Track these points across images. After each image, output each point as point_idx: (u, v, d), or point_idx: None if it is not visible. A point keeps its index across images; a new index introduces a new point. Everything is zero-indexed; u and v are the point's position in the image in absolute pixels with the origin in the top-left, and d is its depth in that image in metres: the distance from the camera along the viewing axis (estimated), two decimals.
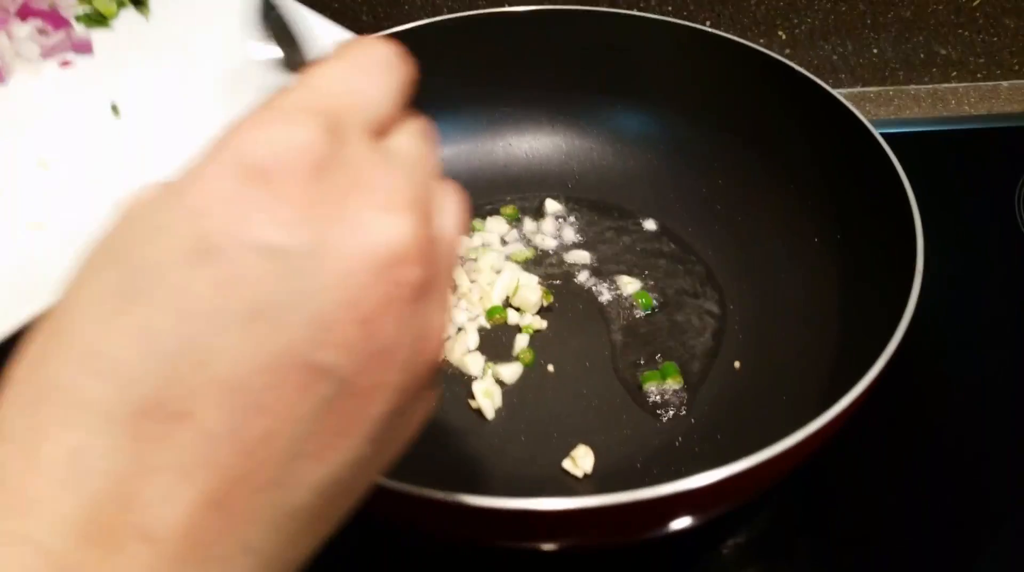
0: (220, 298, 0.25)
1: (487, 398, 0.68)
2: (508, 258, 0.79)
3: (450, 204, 0.31)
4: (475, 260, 0.78)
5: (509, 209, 0.83)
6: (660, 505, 0.45)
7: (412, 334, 0.28)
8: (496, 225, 0.82)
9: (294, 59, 0.43)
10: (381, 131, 0.31)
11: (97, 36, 0.64)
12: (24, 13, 0.62)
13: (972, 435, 0.69)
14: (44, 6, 0.63)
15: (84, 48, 0.63)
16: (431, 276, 0.28)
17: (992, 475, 0.67)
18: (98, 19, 0.65)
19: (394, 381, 0.28)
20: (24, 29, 0.61)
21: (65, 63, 0.62)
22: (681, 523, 0.51)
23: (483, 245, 0.80)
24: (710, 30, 0.79)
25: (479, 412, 0.68)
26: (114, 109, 0.59)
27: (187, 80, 0.61)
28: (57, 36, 0.62)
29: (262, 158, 0.26)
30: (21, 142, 0.56)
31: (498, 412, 0.68)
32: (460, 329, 0.73)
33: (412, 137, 0.31)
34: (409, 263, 0.27)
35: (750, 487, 0.50)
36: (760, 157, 0.78)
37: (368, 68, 0.31)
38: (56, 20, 0.63)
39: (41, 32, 0.62)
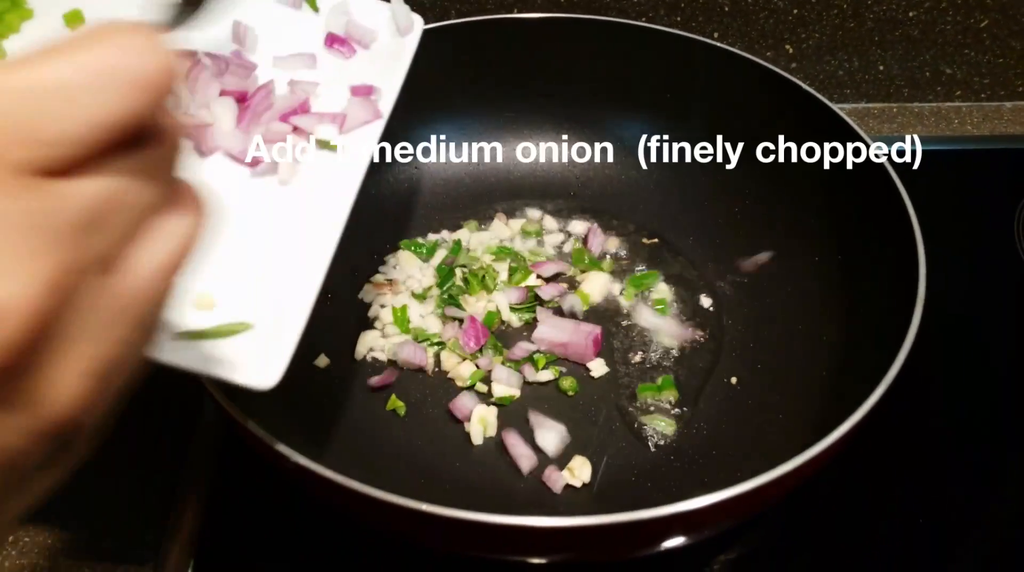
0: None
1: (479, 424, 0.67)
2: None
3: (164, 244, 0.28)
4: (471, 267, 0.78)
5: (532, 226, 0.82)
6: (653, 525, 0.45)
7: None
8: (498, 230, 0.82)
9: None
10: (68, 167, 0.25)
11: None
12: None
13: (970, 454, 0.70)
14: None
15: None
16: (34, 342, 0.23)
17: (990, 495, 0.67)
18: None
19: None
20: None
21: None
22: (674, 542, 0.51)
23: (484, 250, 0.80)
24: (717, 44, 0.79)
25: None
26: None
27: None
28: None
29: None
30: None
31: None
32: (452, 339, 0.73)
33: (108, 178, 0.26)
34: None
35: (744, 510, 0.51)
36: (762, 172, 0.78)
37: (89, 81, 0.25)
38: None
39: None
